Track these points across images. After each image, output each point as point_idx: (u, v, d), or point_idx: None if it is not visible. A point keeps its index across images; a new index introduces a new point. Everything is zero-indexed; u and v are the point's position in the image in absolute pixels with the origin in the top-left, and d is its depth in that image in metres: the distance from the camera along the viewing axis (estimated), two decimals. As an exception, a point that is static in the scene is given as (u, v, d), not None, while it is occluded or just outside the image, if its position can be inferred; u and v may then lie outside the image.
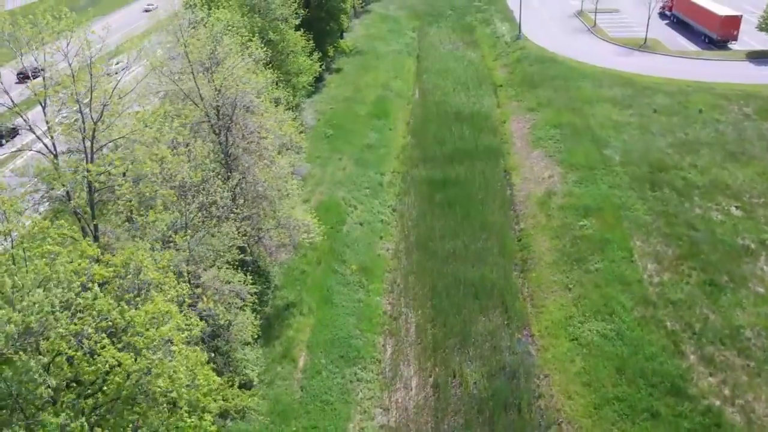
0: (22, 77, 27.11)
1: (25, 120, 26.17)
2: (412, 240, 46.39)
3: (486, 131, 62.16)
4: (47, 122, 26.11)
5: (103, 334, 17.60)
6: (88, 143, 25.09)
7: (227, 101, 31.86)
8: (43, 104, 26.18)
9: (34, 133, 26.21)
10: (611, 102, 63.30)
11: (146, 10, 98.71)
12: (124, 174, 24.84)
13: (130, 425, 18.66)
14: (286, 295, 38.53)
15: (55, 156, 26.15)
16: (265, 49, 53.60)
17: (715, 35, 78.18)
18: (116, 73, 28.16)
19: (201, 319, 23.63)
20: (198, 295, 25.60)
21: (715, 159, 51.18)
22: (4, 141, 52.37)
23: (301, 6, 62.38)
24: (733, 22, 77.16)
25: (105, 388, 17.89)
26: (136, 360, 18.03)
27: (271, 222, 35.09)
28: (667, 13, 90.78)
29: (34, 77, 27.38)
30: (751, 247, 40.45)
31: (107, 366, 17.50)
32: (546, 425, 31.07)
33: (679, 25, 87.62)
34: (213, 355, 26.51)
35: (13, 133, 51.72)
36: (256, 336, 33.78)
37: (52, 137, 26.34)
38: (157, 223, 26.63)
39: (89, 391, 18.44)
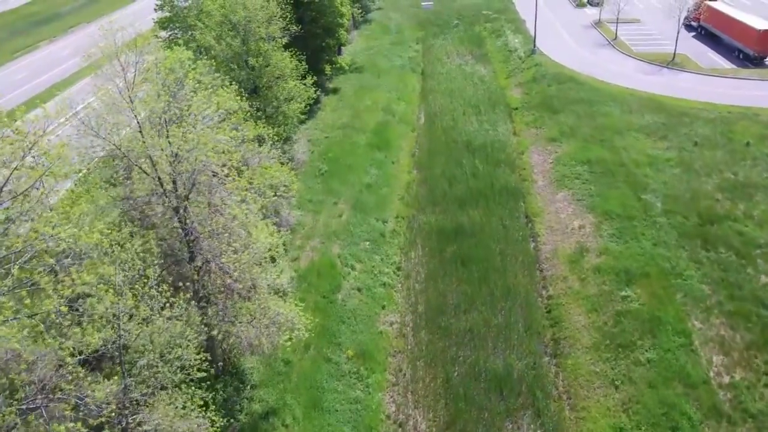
0: None
1: None
2: (421, 311, 38.90)
3: (502, 165, 54.60)
4: None
5: None
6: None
7: (185, 173, 24.39)
8: None
9: None
10: (644, 132, 55.76)
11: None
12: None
13: None
14: (265, 398, 30.98)
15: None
16: (246, 75, 47.09)
17: (752, 51, 70.52)
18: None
19: None
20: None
21: (774, 207, 43.71)
22: None
23: (293, 22, 54.87)
24: (773, 36, 69.61)
25: None
26: None
27: (244, 315, 27.55)
28: (694, 24, 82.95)
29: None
30: (837, 332, 33.08)
31: None
32: None
33: (708, 37, 79.92)
34: None
35: None
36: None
37: None
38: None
39: None
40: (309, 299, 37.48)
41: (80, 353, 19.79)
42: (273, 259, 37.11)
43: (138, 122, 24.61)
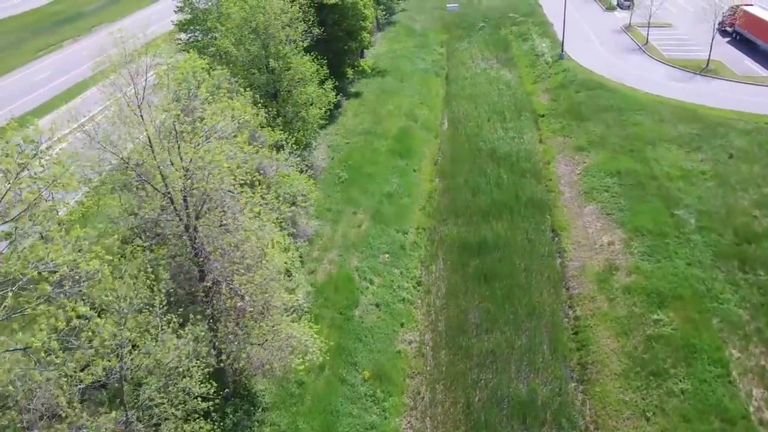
0: None
1: None
2: (441, 329, 37.36)
3: (528, 175, 52.78)
4: None
5: None
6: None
7: (196, 190, 23.12)
8: None
9: None
10: (677, 143, 53.53)
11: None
12: None
13: None
14: (277, 421, 29.60)
15: None
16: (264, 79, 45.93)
17: (790, 58, 67.94)
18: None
19: None
20: None
21: (816, 226, 41.40)
22: None
23: (315, 25, 53.62)
24: (813, 43, 66.89)
25: None
26: None
27: (255, 337, 26.24)
28: (729, 29, 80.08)
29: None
30: None
31: None
32: None
33: (743, 43, 77.10)
34: None
35: None
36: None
37: None
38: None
39: None
40: (325, 315, 36.17)
41: (81, 381, 18.66)
42: (288, 273, 35.92)
43: (148, 135, 23.38)
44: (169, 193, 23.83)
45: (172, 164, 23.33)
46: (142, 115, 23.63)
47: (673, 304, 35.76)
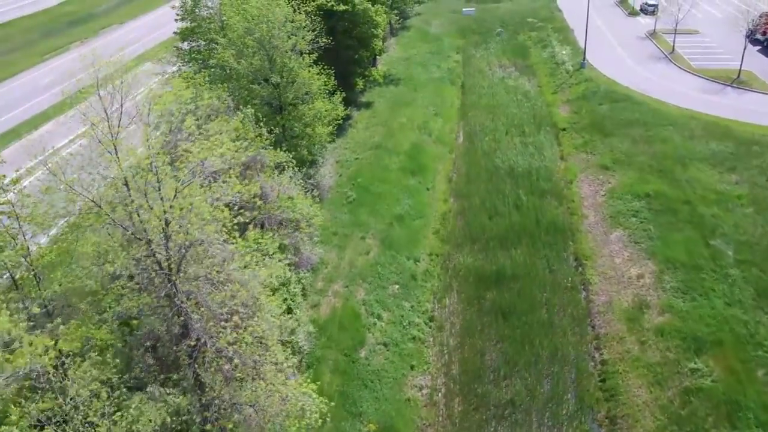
0: None
1: None
2: (455, 374, 34.16)
3: (548, 196, 49.38)
4: None
5: None
6: None
7: (172, 243, 20.13)
8: None
9: None
10: (709, 162, 49.89)
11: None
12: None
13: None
14: (271, 486, 26.68)
15: None
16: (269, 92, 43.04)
17: (827, 69, 63.97)
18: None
19: None
20: None
21: None
22: None
23: (323, 34, 50.55)
24: None
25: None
26: None
27: (245, 397, 23.22)
28: (760, 37, 76.05)
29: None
30: None
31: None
32: None
33: (776, 52, 73.29)
34: None
35: None
36: None
37: None
38: None
39: None
40: (328, 357, 33.16)
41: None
42: (289, 310, 32.97)
43: (124, 177, 20.42)
44: (148, 240, 20.84)
45: (151, 209, 20.32)
46: (116, 152, 20.66)
47: (712, 351, 32.37)
